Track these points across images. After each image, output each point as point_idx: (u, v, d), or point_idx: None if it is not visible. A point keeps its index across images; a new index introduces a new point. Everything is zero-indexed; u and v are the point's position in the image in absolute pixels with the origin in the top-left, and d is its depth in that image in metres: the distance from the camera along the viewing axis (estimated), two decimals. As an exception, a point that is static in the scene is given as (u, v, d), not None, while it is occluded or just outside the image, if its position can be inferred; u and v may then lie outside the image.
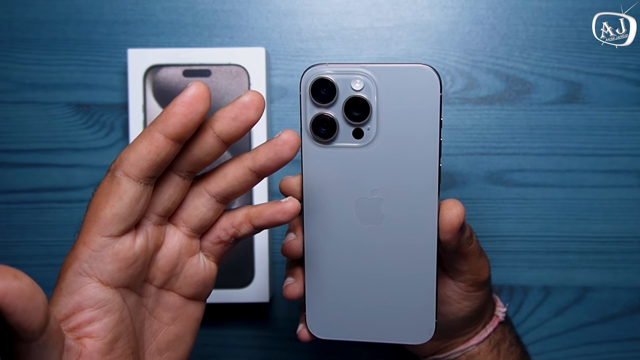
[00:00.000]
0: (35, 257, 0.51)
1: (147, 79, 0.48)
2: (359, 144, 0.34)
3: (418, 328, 0.35)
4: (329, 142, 0.34)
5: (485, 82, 0.51)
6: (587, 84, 0.50)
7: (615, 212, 0.51)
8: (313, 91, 0.33)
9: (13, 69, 0.51)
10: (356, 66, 0.33)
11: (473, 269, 0.37)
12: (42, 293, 0.24)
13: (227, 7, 0.51)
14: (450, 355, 0.41)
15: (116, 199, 0.28)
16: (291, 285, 0.36)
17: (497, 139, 0.51)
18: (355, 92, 0.33)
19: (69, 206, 0.51)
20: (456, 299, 0.38)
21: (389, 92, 0.33)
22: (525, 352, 0.44)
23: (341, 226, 0.35)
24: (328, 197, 0.35)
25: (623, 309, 0.51)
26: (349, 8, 0.51)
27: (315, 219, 0.35)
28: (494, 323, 0.41)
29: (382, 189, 0.34)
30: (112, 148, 0.51)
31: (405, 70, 0.33)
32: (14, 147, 0.51)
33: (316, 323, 0.37)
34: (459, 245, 0.35)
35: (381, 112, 0.33)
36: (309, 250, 0.35)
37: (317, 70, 0.33)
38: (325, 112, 0.33)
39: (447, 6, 0.51)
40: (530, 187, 0.51)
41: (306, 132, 0.34)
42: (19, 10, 0.51)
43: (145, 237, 0.30)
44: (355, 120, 0.33)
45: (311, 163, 0.34)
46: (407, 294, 0.35)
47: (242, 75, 0.48)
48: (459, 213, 0.33)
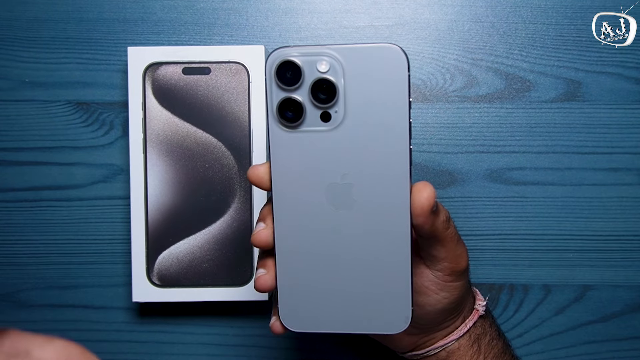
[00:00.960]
0: (34, 255, 0.51)
1: (146, 77, 0.48)
2: (327, 128, 0.33)
3: (394, 317, 0.34)
4: (296, 126, 0.33)
5: (485, 81, 0.51)
6: (586, 82, 0.50)
7: (615, 210, 0.51)
8: (278, 74, 0.32)
9: (13, 67, 0.51)
10: (322, 48, 0.32)
11: (450, 256, 0.36)
12: None
13: (226, 5, 0.51)
14: (430, 351, 0.41)
15: None
16: (262, 277, 0.35)
17: (496, 137, 0.51)
18: (322, 74, 0.32)
19: (69, 204, 0.51)
20: (434, 289, 0.37)
21: (356, 73, 0.32)
22: (507, 345, 0.43)
23: (312, 213, 0.34)
24: (297, 184, 0.34)
25: (623, 308, 0.51)
26: (348, 6, 0.51)
27: (285, 206, 0.34)
28: (474, 317, 0.41)
29: (353, 173, 0.33)
30: (112, 146, 0.51)
31: (371, 50, 0.32)
32: (14, 145, 0.51)
33: (289, 316, 0.35)
34: (434, 229, 0.34)
35: (348, 93, 0.32)
36: (280, 239, 0.34)
37: (282, 53, 0.32)
38: (291, 96, 0.32)
39: (446, 4, 0.51)
40: (530, 185, 0.51)
41: (272, 116, 0.33)
42: (19, 9, 0.51)
43: None
44: (322, 103, 0.32)
45: (279, 149, 0.33)
46: (381, 281, 0.34)
47: (242, 73, 0.48)
48: (428, 195, 0.32)
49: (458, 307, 0.40)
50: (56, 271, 0.52)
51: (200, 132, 0.48)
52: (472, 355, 0.40)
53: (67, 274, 0.51)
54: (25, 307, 0.52)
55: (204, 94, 0.48)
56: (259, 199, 0.48)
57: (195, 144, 0.48)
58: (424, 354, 0.41)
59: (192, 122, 0.48)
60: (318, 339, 0.52)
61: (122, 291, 0.51)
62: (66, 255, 0.51)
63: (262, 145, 0.48)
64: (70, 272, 0.51)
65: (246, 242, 0.48)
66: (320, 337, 0.52)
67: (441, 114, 0.51)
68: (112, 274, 0.51)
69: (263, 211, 0.36)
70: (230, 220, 0.48)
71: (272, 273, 0.35)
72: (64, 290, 0.51)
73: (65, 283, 0.51)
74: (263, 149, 0.48)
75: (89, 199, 0.51)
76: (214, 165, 0.48)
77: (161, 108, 0.48)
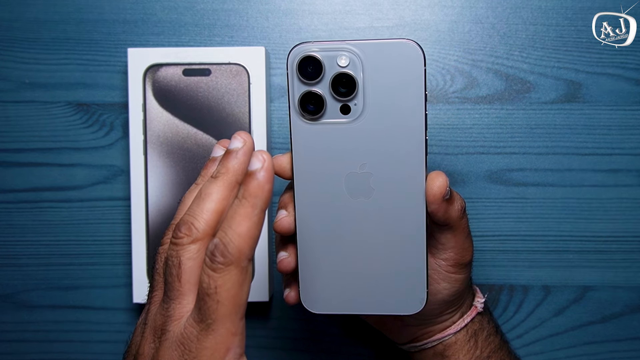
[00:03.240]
0: (34, 256, 0.51)
1: (147, 78, 0.48)
2: (347, 120, 0.34)
3: (410, 298, 0.36)
4: (317, 118, 0.34)
5: (485, 82, 0.51)
6: (586, 83, 0.50)
7: (615, 212, 0.51)
8: (300, 69, 0.33)
9: (13, 68, 0.51)
10: (342, 43, 0.33)
11: (458, 246, 0.38)
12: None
13: (227, 7, 0.51)
14: (427, 344, 0.42)
15: (248, 283, 0.30)
16: (285, 260, 0.37)
17: (496, 138, 0.51)
18: (342, 68, 0.33)
19: (69, 205, 0.51)
20: (435, 278, 0.39)
21: (375, 67, 0.33)
22: (505, 341, 0.44)
23: (332, 201, 0.35)
24: (318, 173, 0.35)
25: (623, 309, 0.51)
26: (348, 7, 0.51)
27: (305, 195, 0.35)
28: (472, 313, 0.42)
29: (371, 163, 0.34)
30: (112, 147, 0.51)
31: (389, 45, 0.33)
32: (14, 147, 0.51)
33: (310, 298, 0.37)
34: (447, 216, 0.36)
35: (367, 87, 0.33)
36: (301, 226, 0.36)
37: (303, 48, 0.33)
38: (313, 89, 0.34)
39: (446, 5, 0.51)
40: (530, 186, 0.51)
41: (294, 109, 0.34)
42: (19, 10, 0.51)
43: None
44: (342, 97, 0.34)
45: (300, 140, 0.35)
46: (398, 265, 0.36)
47: (242, 75, 0.48)
48: (441, 184, 0.34)
49: (457, 301, 0.41)
50: (57, 272, 0.52)
51: (200, 134, 0.48)
52: (468, 349, 0.41)
53: (67, 275, 0.52)
54: (26, 307, 0.52)
55: (204, 96, 0.48)
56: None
57: (196, 145, 0.48)
58: (422, 345, 0.42)
59: (193, 124, 0.48)
60: (316, 337, 0.52)
61: (122, 292, 0.52)
62: (67, 256, 0.51)
63: (263, 146, 0.48)
64: (70, 273, 0.51)
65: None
66: (319, 335, 0.52)
67: (441, 115, 0.51)
68: (113, 275, 0.51)
69: (284, 199, 0.37)
70: (231, 221, 0.48)
71: (294, 256, 0.37)
72: (64, 291, 0.52)
73: (65, 284, 0.52)
74: (263, 149, 0.48)
75: (90, 200, 0.51)
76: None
77: (161, 109, 0.48)
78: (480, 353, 0.41)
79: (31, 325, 0.52)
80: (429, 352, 0.42)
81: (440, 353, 0.42)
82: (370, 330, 0.51)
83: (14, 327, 0.52)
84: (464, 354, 0.41)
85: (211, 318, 0.29)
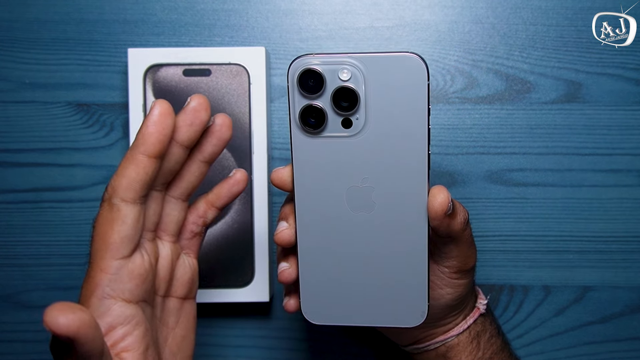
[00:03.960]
0: (35, 256, 0.51)
1: (147, 79, 0.48)
2: (348, 134, 0.34)
3: (411, 311, 0.36)
4: (318, 132, 0.34)
5: (485, 82, 0.51)
6: (587, 84, 0.51)
7: (615, 212, 0.51)
8: (301, 82, 0.33)
9: (13, 68, 0.51)
10: (343, 56, 0.33)
11: (461, 255, 0.38)
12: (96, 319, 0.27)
13: (227, 7, 0.51)
14: (429, 346, 0.42)
15: (120, 223, 0.31)
16: (287, 271, 0.37)
17: (497, 138, 0.51)
18: (343, 82, 0.33)
19: (69, 206, 0.51)
20: (438, 284, 0.39)
21: (377, 82, 0.33)
22: (506, 343, 0.44)
23: (333, 215, 0.35)
24: (319, 187, 0.35)
25: (623, 309, 0.51)
26: (349, 7, 0.51)
27: (306, 208, 0.35)
28: (474, 315, 0.42)
29: (373, 177, 0.34)
30: (112, 147, 0.51)
31: (392, 59, 0.32)
32: (14, 147, 0.51)
33: (310, 309, 0.37)
34: (449, 230, 0.35)
35: (369, 101, 0.33)
36: (302, 238, 0.36)
37: (304, 61, 0.33)
38: (314, 103, 0.33)
39: (447, 6, 0.51)
40: (530, 186, 0.51)
41: (295, 122, 0.34)
42: (19, 10, 0.51)
43: (146, 253, 0.33)
44: (344, 110, 0.33)
45: (301, 153, 0.34)
46: (399, 278, 0.36)
47: (242, 75, 0.48)
48: (442, 200, 0.34)
49: (460, 305, 0.41)
50: (57, 272, 0.52)
51: (200, 134, 0.48)
52: (471, 351, 0.41)
53: (68, 275, 0.52)
54: (27, 308, 0.52)
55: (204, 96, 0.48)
56: (259, 201, 0.48)
57: (196, 145, 0.48)
58: (424, 347, 0.42)
59: (193, 124, 0.48)
60: (316, 337, 0.52)
61: (123, 292, 0.51)
62: (67, 256, 0.51)
63: (263, 146, 0.48)
64: (71, 273, 0.52)
65: (247, 243, 0.48)
66: (319, 335, 0.52)
67: (441, 115, 0.51)
68: (113, 275, 0.51)
69: (285, 210, 0.37)
70: (231, 221, 0.48)
71: (295, 267, 0.37)
72: (65, 292, 0.52)
73: (66, 284, 0.52)
74: (264, 150, 0.48)
75: (90, 200, 0.51)
76: (214, 166, 0.48)
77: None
78: (483, 354, 0.41)
79: (31, 325, 0.52)
80: (432, 353, 0.42)
81: (442, 355, 0.42)
82: (371, 331, 0.52)
83: (14, 327, 0.52)
84: (466, 355, 0.41)
85: (89, 252, 0.31)
